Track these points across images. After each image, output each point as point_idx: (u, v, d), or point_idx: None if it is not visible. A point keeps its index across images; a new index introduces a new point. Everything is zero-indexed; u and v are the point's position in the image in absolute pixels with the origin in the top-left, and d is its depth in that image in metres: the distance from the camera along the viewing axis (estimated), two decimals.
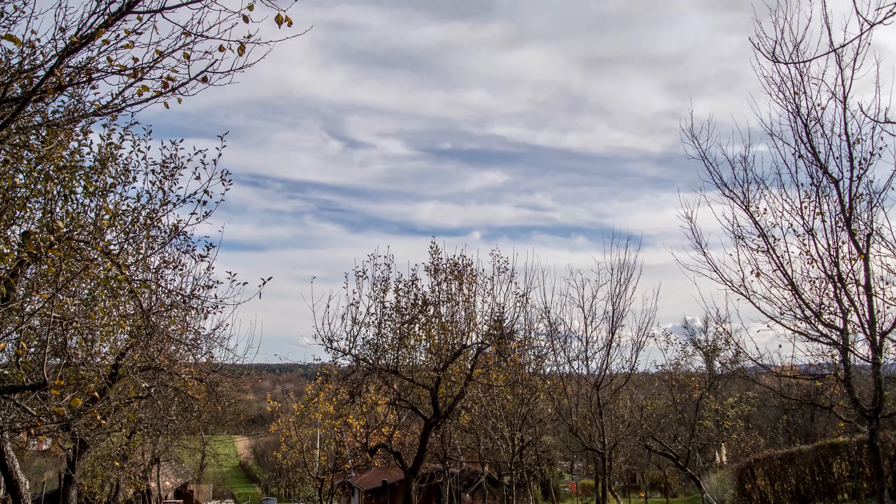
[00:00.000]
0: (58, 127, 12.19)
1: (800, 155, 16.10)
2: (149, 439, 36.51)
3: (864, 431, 16.21)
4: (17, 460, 17.01)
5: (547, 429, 38.01)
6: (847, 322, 15.89)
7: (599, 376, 29.61)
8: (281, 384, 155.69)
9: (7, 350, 13.66)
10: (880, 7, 8.75)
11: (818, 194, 15.90)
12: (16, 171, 12.78)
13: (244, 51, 8.95)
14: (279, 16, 8.64)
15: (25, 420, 15.16)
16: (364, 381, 24.61)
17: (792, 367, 19.64)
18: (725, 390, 47.26)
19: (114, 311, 16.29)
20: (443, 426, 29.55)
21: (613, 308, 29.22)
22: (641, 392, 41.87)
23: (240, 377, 31.55)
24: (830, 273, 15.86)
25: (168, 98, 9.32)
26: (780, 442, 54.65)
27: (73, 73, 8.92)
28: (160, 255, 17.26)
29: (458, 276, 24.52)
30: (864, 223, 15.40)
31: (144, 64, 8.95)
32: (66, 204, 14.71)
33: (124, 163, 15.71)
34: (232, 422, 51.24)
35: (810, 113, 15.67)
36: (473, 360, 24.30)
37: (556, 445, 54.62)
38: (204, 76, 9.13)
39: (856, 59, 14.51)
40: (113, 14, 8.38)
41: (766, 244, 16.75)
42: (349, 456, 49.94)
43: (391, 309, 23.79)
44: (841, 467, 27.98)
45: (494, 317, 24.60)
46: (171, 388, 21.84)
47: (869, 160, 15.13)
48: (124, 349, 17.91)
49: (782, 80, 16.13)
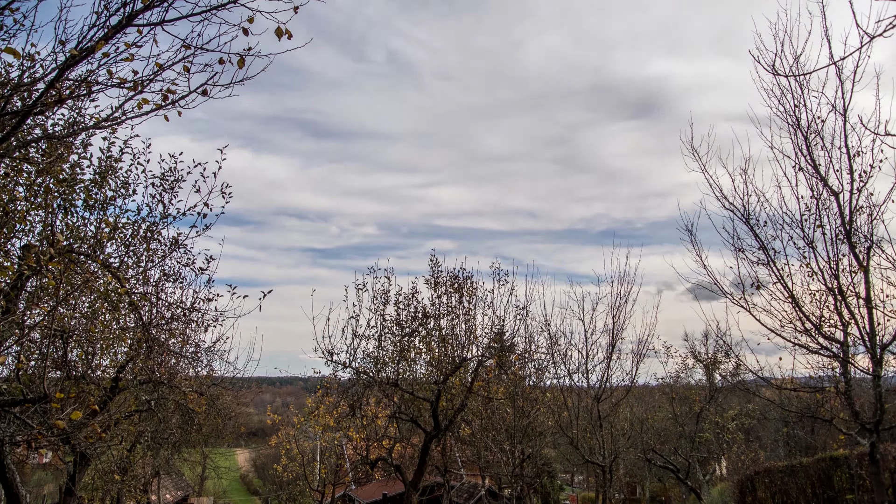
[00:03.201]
0: (58, 140, 12.22)
1: (800, 167, 16.11)
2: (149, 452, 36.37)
3: (864, 444, 16.17)
4: (18, 473, 16.97)
5: (547, 441, 37.93)
6: (847, 334, 15.88)
7: (600, 389, 29.59)
8: (281, 397, 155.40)
9: (7, 363, 13.65)
10: (880, 19, 8.76)
11: (818, 207, 15.89)
12: (16, 184, 12.80)
13: (244, 63, 8.96)
14: (279, 28, 8.65)
15: (26, 433, 15.13)
16: (364, 393, 24.59)
17: (792, 380, 19.59)
18: (726, 403, 47.15)
19: (114, 324, 16.30)
20: (443, 439, 29.48)
21: (613, 321, 29.23)
22: (642, 405, 41.86)
23: (240, 390, 31.50)
24: (831, 286, 15.85)
25: (168, 111, 9.32)
26: (780, 454, 54.54)
27: (73, 86, 8.93)
28: (160, 267, 17.27)
29: (458, 288, 24.50)
30: (864, 236, 15.40)
31: (144, 77, 8.95)
32: (66, 217, 14.74)
33: (124, 176, 15.76)
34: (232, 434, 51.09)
35: (810, 125, 15.69)
36: (474, 372, 24.28)
37: (557, 458, 54.65)
38: (204, 89, 9.13)
39: (856, 71, 14.53)
40: (113, 27, 8.39)
41: (766, 257, 16.74)
42: (350, 469, 49.79)
43: (391, 322, 23.78)
44: (841, 480, 27.86)
45: (495, 329, 24.57)
46: (171, 401, 21.81)
47: (869, 173, 15.13)
48: (125, 362, 17.89)
49: (782, 92, 16.16)
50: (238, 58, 8.92)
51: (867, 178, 15.18)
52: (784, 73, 15.61)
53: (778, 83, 16.20)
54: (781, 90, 16.17)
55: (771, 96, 16.39)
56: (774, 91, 16.34)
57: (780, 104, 16.22)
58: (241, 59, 8.92)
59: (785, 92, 16.10)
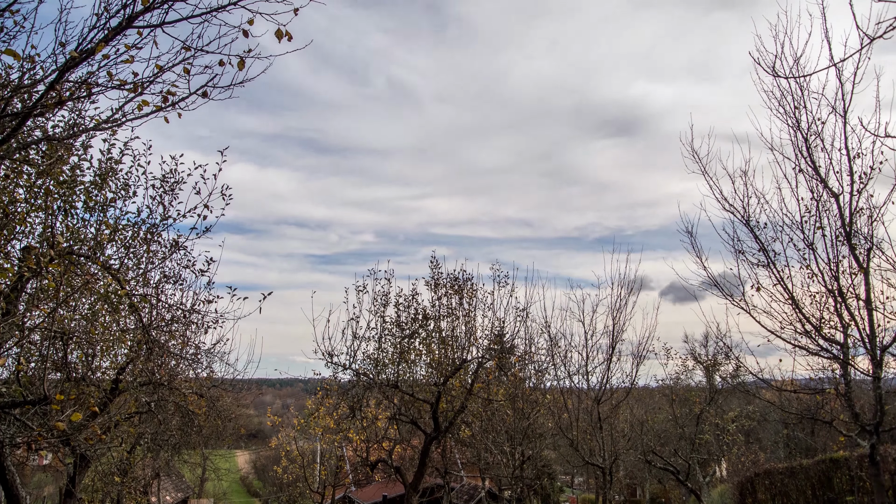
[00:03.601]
0: (58, 142, 12.22)
1: (800, 169, 16.09)
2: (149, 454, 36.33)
3: (864, 446, 16.15)
4: (18, 475, 16.95)
5: (547, 443, 37.95)
6: (847, 336, 15.87)
7: (600, 391, 29.59)
8: (282, 399, 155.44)
9: (8, 365, 13.66)
10: (880, 21, 8.76)
11: (818, 208, 15.88)
12: (16, 185, 12.79)
13: (244, 65, 8.96)
14: (279, 30, 8.65)
15: (26, 435, 15.11)
16: (364, 395, 24.57)
17: (792, 382, 19.59)
18: (726, 404, 47.10)
19: (114, 326, 16.29)
20: (443, 440, 29.46)
21: (614, 322, 29.24)
22: (642, 406, 41.83)
23: (240, 392, 31.46)
24: (831, 287, 15.83)
25: (168, 113, 9.32)
26: (780, 456, 54.47)
27: (74, 88, 8.93)
28: (160, 269, 17.27)
29: (458, 290, 24.48)
30: (864, 237, 15.38)
31: (144, 78, 8.95)
32: (66, 219, 14.73)
33: (124, 178, 15.75)
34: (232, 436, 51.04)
35: (810, 127, 15.67)
36: (474, 374, 24.27)
37: (557, 460, 54.58)
38: (204, 91, 9.13)
39: (856, 73, 14.52)
40: (113, 29, 8.38)
41: (766, 258, 16.73)
42: (350, 470, 49.81)
43: (391, 323, 23.76)
44: (841, 482, 27.84)
45: (495, 331, 24.55)
46: (171, 402, 21.78)
47: (869, 174, 15.12)
48: (125, 364, 17.88)
49: (783, 94, 16.15)
50: (238, 60, 8.92)
51: (867, 180, 15.16)
52: (784, 75, 15.61)
53: (778, 85, 16.20)
54: (781, 92, 16.16)
55: (771, 98, 16.38)
56: (774, 93, 16.33)
57: (780, 106, 16.21)
58: (241, 60, 8.92)
59: (785, 93, 16.09)
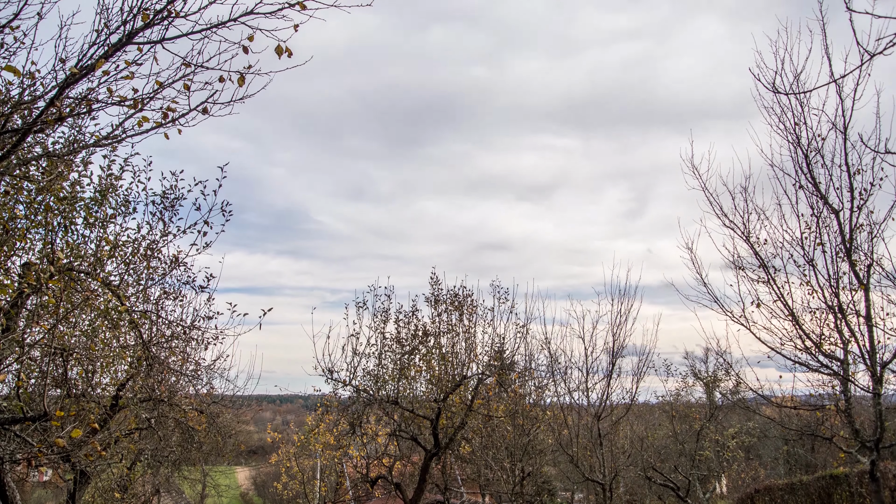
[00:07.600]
0: (58, 158, 12.22)
1: (800, 185, 16.08)
2: (150, 470, 36.26)
3: (864, 462, 16.12)
4: (18, 491, 16.91)
5: (547, 459, 37.86)
6: (847, 352, 15.84)
7: (600, 407, 29.52)
8: (281, 415, 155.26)
9: (8, 381, 13.64)
10: (881, 37, 8.77)
11: (818, 225, 15.87)
12: (16, 202, 12.79)
13: (244, 81, 8.98)
14: (279, 46, 8.67)
15: (26, 451, 15.09)
16: (364, 411, 24.53)
17: (792, 398, 19.55)
18: (726, 420, 47.01)
19: (114, 342, 16.30)
20: (443, 457, 29.40)
21: (614, 338, 29.18)
22: (642, 422, 41.73)
23: (240, 408, 31.41)
24: (831, 303, 15.82)
25: (168, 129, 9.33)
26: (780, 472, 54.34)
27: (74, 104, 8.94)
28: (160, 285, 17.24)
29: (458, 306, 24.48)
30: (864, 253, 15.38)
31: (144, 95, 8.96)
32: (66, 235, 14.71)
33: (124, 194, 15.74)
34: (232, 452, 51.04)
35: (811, 143, 15.66)
36: (474, 390, 24.22)
37: (557, 476, 54.39)
38: (204, 107, 9.14)
39: (856, 89, 14.53)
40: (113, 45, 8.40)
41: (766, 275, 16.73)
42: (350, 487, 49.70)
43: (391, 340, 23.71)
44: (842, 498, 27.79)
45: (495, 347, 24.52)
46: (171, 419, 21.77)
47: (869, 191, 15.11)
48: (125, 380, 17.85)
49: (783, 110, 16.14)
50: (238, 76, 8.93)
51: (867, 196, 15.16)
52: (784, 91, 15.63)
53: (778, 101, 16.19)
54: (781, 108, 16.16)
55: (771, 114, 16.39)
56: (774, 109, 16.34)
57: (780, 122, 16.22)
58: (241, 77, 8.94)
59: (785, 109, 16.09)
